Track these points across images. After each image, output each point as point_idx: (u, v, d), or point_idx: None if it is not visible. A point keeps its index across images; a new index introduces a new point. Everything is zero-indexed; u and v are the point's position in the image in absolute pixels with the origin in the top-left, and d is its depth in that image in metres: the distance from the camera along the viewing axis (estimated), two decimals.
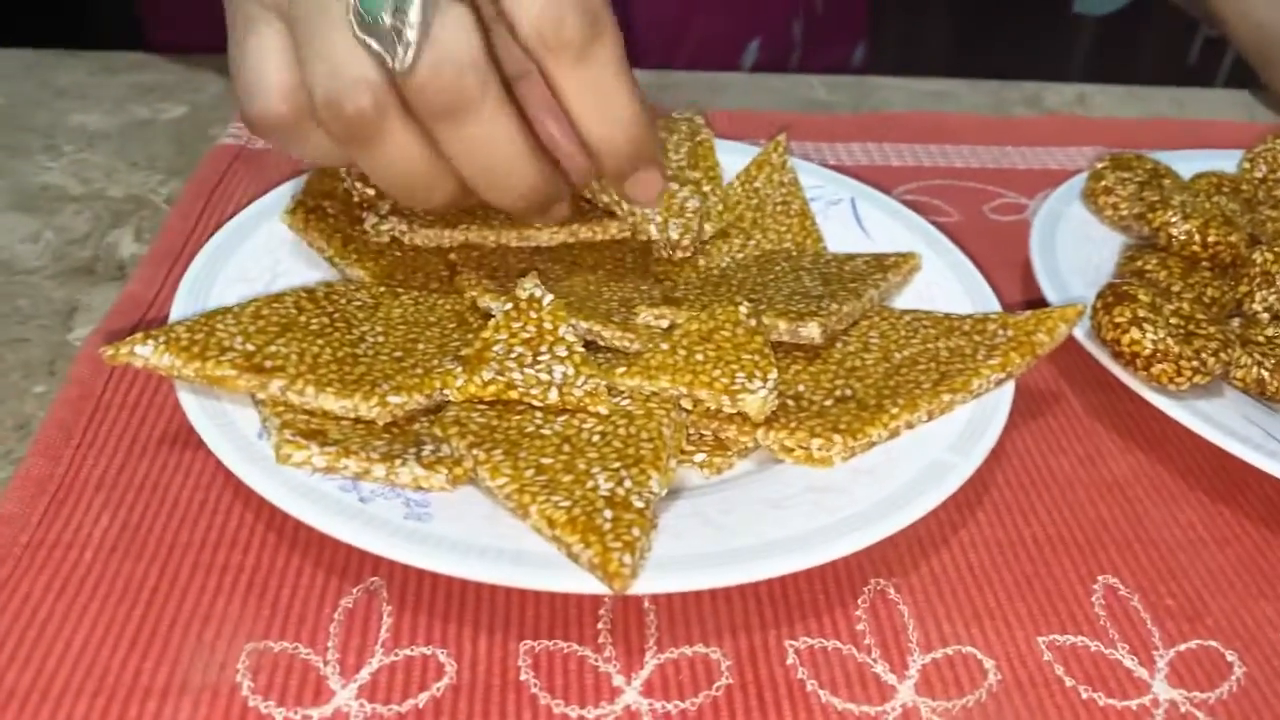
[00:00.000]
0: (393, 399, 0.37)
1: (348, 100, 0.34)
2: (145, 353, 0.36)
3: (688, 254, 0.48)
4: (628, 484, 0.34)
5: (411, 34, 0.33)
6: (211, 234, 0.45)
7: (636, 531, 0.32)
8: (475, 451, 0.35)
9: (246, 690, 0.31)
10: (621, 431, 0.37)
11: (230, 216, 0.46)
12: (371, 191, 0.47)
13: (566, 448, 0.36)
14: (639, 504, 0.33)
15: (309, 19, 0.35)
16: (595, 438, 0.36)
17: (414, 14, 0.33)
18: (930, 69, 0.75)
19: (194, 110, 0.62)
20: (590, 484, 0.34)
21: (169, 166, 0.56)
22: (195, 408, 0.36)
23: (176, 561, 0.35)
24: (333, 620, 0.34)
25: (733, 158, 0.54)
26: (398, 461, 0.35)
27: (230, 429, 0.36)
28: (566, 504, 0.33)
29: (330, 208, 0.47)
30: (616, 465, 0.35)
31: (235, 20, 0.37)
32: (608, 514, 0.33)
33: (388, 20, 0.33)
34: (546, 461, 0.35)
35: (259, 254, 0.45)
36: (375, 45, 0.34)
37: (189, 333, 0.37)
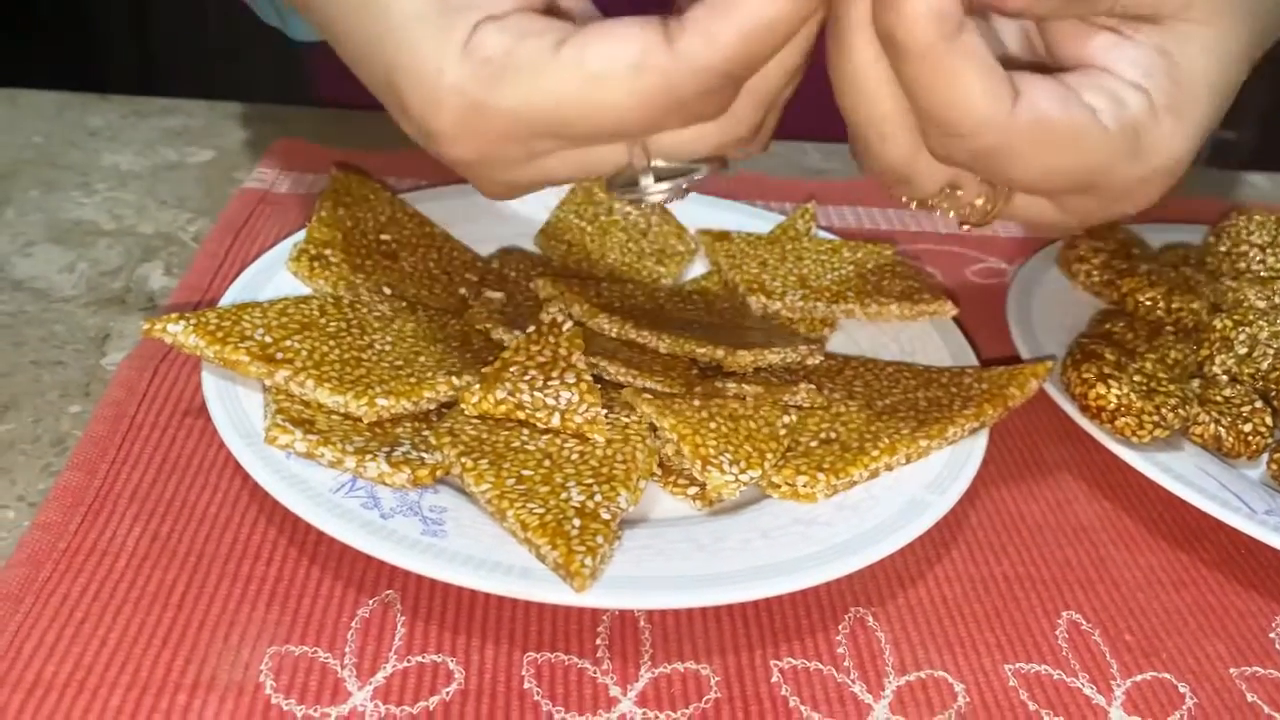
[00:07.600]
0: (380, 401, 0.40)
1: None
2: (176, 330, 0.40)
3: None
4: (598, 498, 0.37)
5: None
6: (238, 271, 0.48)
7: (600, 539, 0.35)
8: (464, 460, 0.39)
9: (269, 689, 0.34)
10: (599, 452, 0.40)
11: (255, 256, 0.49)
12: None
13: (547, 463, 0.39)
14: (606, 516, 0.37)
15: None
16: (574, 455, 0.40)
17: None
18: None
19: (220, 155, 0.65)
20: (564, 495, 0.37)
21: (196, 206, 0.60)
22: (227, 425, 0.39)
23: (204, 571, 0.37)
24: (350, 628, 0.36)
25: (754, 221, 0.59)
26: (368, 457, 0.38)
27: (263, 451, 0.38)
28: (540, 510, 0.36)
29: (332, 256, 0.48)
30: (590, 481, 0.38)
31: None
32: (576, 522, 0.36)
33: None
34: (527, 473, 0.38)
35: (284, 291, 0.48)
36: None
37: (218, 319, 0.41)
